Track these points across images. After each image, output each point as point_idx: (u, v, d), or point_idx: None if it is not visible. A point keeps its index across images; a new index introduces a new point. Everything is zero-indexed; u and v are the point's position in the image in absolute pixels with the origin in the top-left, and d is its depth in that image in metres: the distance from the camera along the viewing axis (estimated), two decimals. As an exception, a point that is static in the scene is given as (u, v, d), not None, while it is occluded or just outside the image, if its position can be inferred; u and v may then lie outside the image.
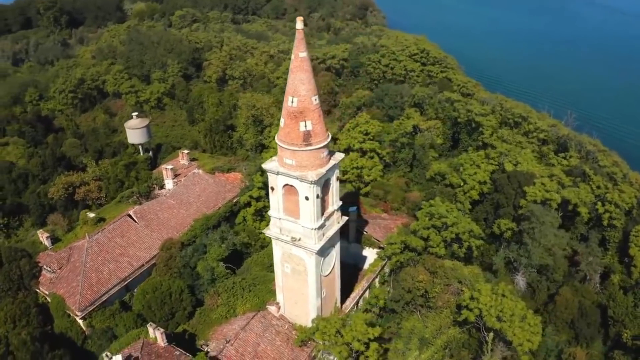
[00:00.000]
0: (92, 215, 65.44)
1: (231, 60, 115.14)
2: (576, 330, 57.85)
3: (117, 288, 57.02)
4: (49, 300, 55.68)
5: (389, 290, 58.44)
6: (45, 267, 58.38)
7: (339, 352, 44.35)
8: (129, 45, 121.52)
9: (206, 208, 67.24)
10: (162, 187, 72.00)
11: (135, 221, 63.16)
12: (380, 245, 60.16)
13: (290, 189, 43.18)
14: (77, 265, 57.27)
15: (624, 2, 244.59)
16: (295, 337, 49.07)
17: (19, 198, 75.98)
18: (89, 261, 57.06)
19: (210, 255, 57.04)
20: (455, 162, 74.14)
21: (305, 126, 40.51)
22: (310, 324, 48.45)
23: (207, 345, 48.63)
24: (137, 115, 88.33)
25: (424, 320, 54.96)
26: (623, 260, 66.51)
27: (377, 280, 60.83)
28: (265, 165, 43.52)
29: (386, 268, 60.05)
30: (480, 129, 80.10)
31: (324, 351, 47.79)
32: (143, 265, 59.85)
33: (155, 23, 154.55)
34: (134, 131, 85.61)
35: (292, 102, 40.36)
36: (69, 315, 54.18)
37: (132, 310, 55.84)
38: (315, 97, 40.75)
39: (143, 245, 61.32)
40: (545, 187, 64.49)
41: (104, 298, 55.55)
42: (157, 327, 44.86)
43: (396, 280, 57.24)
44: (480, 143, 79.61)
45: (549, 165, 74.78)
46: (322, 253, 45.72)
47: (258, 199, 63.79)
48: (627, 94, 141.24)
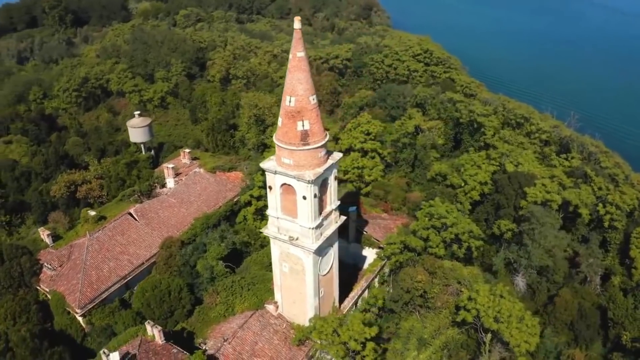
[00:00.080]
0: (93, 213, 65.70)
1: (235, 60, 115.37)
2: (575, 332, 57.66)
3: (117, 286, 57.20)
4: (49, 298, 55.91)
5: (388, 290, 58.43)
6: (46, 264, 58.62)
7: (336, 352, 44.39)
8: (133, 45, 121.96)
9: (207, 207, 67.39)
10: (163, 185, 72.20)
11: (135, 219, 63.37)
12: (379, 245, 60.11)
13: (288, 188, 43.21)
14: (78, 263, 57.54)
15: (624, 2, 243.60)
16: (293, 336, 49.02)
17: (21, 196, 76.32)
18: (90, 259, 57.30)
19: (210, 254, 57.08)
20: (456, 163, 74.01)
21: (303, 126, 40.53)
22: (308, 323, 48.47)
23: (205, 344, 48.73)
24: (139, 114, 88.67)
25: (422, 321, 54.98)
26: (624, 262, 66.24)
27: (377, 280, 60.79)
28: (263, 165, 43.55)
29: (385, 268, 60.00)
30: (482, 129, 79.95)
31: (322, 350, 47.83)
32: (143, 263, 60.02)
33: (160, 22, 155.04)
34: (136, 130, 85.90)
35: (289, 101, 40.41)
36: (68, 313, 54.38)
37: (131, 308, 56.05)
38: (313, 96, 40.77)
39: (143, 244, 61.51)
40: (546, 188, 64.28)
41: (104, 296, 55.74)
42: (155, 325, 44.98)
43: (395, 280, 57.25)
44: (482, 144, 79.43)
45: (551, 166, 74.49)
46: (319, 252, 45.72)
47: (259, 198, 63.83)
48: (629, 94, 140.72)
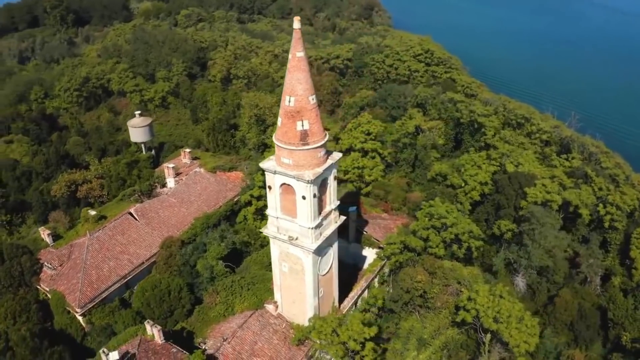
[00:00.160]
0: (93, 212, 65.79)
1: (236, 60, 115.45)
2: (575, 333, 57.57)
3: (117, 285, 57.25)
4: (50, 297, 55.98)
5: (388, 291, 58.41)
6: (46, 264, 58.69)
7: (335, 352, 44.41)
8: (134, 44, 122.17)
9: (207, 207, 67.42)
10: (163, 185, 72.24)
11: (136, 219, 63.40)
12: (379, 245, 60.10)
13: (287, 188, 43.22)
14: (78, 262, 57.59)
15: (624, 2, 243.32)
16: (292, 336, 49.03)
17: (22, 195, 76.38)
18: (90, 258, 57.35)
19: (210, 253, 57.09)
20: (457, 163, 73.99)
21: (302, 126, 40.54)
22: (307, 323, 48.47)
23: (205, 343, 48.78)
24: (139, 114, 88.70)
25: (422, 321, 54.95)
26: (624, 263, 66.13)
27: (377, 280, 60.79)
28: (263, 164, 43.57)
29: (385, 268, 59.99)
30: (483, 129, 79.90)
31: (321, 350, 47.83)
32: (143, 263, 60.05)
33: (161, 22, 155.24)
34: (137, 130, 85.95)
35: (289, 101, 40.42)
36: (68, 312, 54.44)
37: (131, 307, 56.10)
38: (313, 96, 40.78)
39: (143, 243, 61.55)
40: (546, 188, 64.20)
41: (104, 295, 55.78)
42: (154, 325, 45.02)
43: (395, 280, 57.24)
44: (482, 144, 79.36)
45: (551, 166, 74.41)
46: (319, 252, 45.74)
47: (259, 198, 63.82)
48: (630, 94, 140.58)
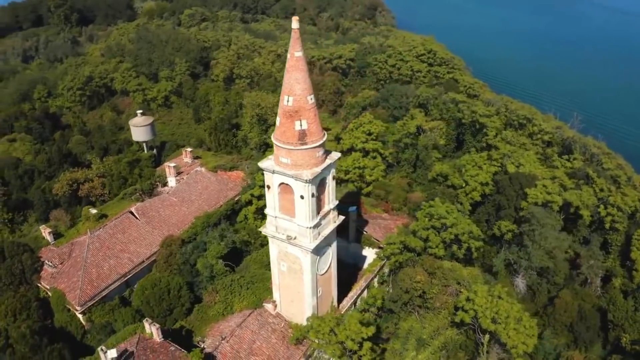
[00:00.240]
0: (94, 211, 65.98)
1: (239, 60, 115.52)
2: (575, 334, 57.42)
3: (117, 284, 57.42)
4: (50, 295, 56.21)
5: (388, 291, 58.41)
6: (47, 262, 58.95)
7: (333, 351, 44.46)
8: (138, 44, 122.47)
9: (208, 206, 67.55)
10: (165, 184, 72.40)
11: (136, 218, 63.58)
12: (379, 245, 60.12)
13: (286, 187, 43.28)
14: (78, 260, 57.81)
15: (624, 2, 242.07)
16: (290, 335, 49.13)
17: (24, 194, 76.64)
18: (90, 257, 57.56)
19: (210, 252, 57.15)
20: (458, 164, 73.95)
21: (301, 125, 40.60)
22: (305, 323, 48.52)
23: (204, 342, 48.88)
24: (141, 113, 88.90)
25: (421, 321, 54.99)
26: (625, 264, 65.95)
27: (376, 280, 60.82)
28: (261, 164, 43.65)
29: (385, 268, 60.01)
30: (485, 130, 79.81)
31: (319, 350, 47.90)
32: (143, 261, 60.19)
33: (165, 21, 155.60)
34: (139, 129, 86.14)
35: (287, 101, 40.49)
36: (69, 310, 54.67)
37: (131, 305, 56.28)
38: (311, 96, 40.84)
39: (144, 242, 61.73)
40: (547, 189, 64.09)
41: (104, 293, 55.97)
42: (153, 323, 45.09)
43: (395, 280, 57.25)
44: (484, 144, 79.28)
45: (553, 167, 74.29)
46: (317, 252, 45.80)
47: (259, 198, 63.80)
48: (632, 95, 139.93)
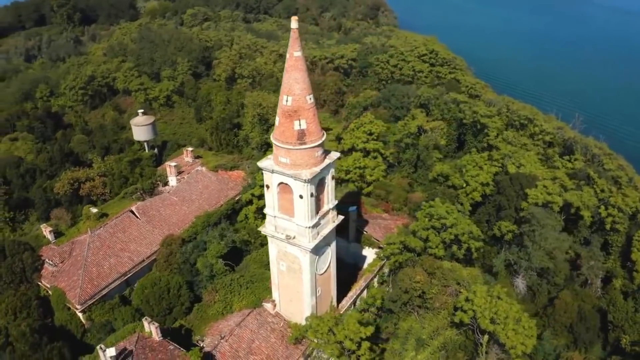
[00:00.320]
0: (94, 210, 66.12)
1: (241, 59, 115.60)
2: (575, 335, 57.29)
3: (118, 282, 57.52)
4: (50, 293, 56.34)
5: (388, 290, 58.40)
6: (47, 260, 59.12)
7: (331, 351, 44.49)
8: (140, 43, 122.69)
9: (208, 205, 67.62)
10: (165, 184, 72.50)
11: (137, 217, 63.69)
12: (379, 245, 60.14)
13: (285, 187, 43.33)
14: (79, 259, 57.96)
15: (625, 2, 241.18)
16: (290, 334, 49.19)
17: (26, 192, 76.82)
18: (90, 255, 57.69)
19: (210, 252, 57.23)
20: (459, 164, 73.91)
21: (300, 125, 40.65)
22: (304, 322, 48.54)
23: (203, 341, 48.98)
24: (142, 113, 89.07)
25: (421, 321, 54.95)
26: (625, 265, 65.81)
27: (376, 280, 60.83)
28: (261, 164, 43.72)
29: (385, 268, 60.02)
30: (486, 130, 79.74)
31: (318, 349, 47.92)
32: (144, 260, 60.28)
33: (167, 21, 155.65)
34: (140, 128, 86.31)
35: (286, 101, 40.54)
36: (69, 309, 54.78)
37: (131, 304, 56.39)
38: (310, 96, 40.88)
39: (144, 241, 61.84)
40: (548, 189, 64.01)
41: (104, 292, 56.08)
42: (152, 322, 45.16)
43: (395, 280, 57.25)
44: (485, 145, 79.21)
45: (554, 167, 74.19)
46: (316, 251, 45.84)
47: (260, 197, 63.76)
48: (634, 96, 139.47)
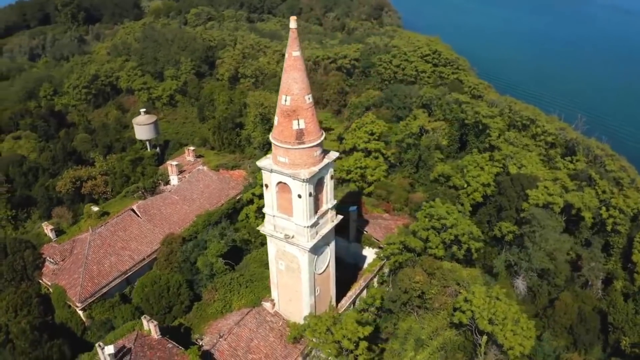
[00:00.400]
0: (96, 209, 66.36)
1: (244, 59, 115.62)
2: (575, 336, 57.12)
3: (118, 281, 57.81)
4: (51, 291, 56.67)
5: (388, 290, 58.41)
6: (48, 258, 59.45)
7: (329, 350, 44.55)
8: (144, 43, 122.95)
9: (209, 204, 67.78)
10: (167, 183, 72.69)
11: (138, 216, 63.98)
12: (380, 245, 60.19)
13: (283, 186, 43.42)
14: (80, 257, 58.25)
15: (628, 2, 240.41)
16: (288, 333, 49.31)
17: (28, 191, 77.24)
18: (91, 254, 57.99)
19: (210, 251, 57.41)
20: (460, 164, 73.81)
21: (298, 125, 40.72)
22: (303, 321, 48.64)
23: (202, 339, 49.15)
24: (145, 112, 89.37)
25: (420, 322, 54.96)
26: (627, 267, 65.52)
27: (376, 280, 60.87)
28: (259, 163, 43.84)
29: (385, 268, 60.06)
30: (488, 131, 79.58)
31: (316, 349, 47.99)
32: (144, 259, 60.54)
33: (171, 20, 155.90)
34: (142, 127, 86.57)
35: (285, 100, 40.62)
36: (69, 306, 55.08)
37: (131, 303, 56.59)
38: (309, 96, 40.93)
39: (145, 240, 62.08)
40: (548, 190, 63.84)
41: (104, 290, 56.37)
42: (151, 320, 45.33)
43: (395, 280, 57.27)
44: (487, 145, 79.05)
45: (555, 168, 73.99)
46: (315, 251, 45.91)
47: (261, 197, 63.56)
48: (637, 96, 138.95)
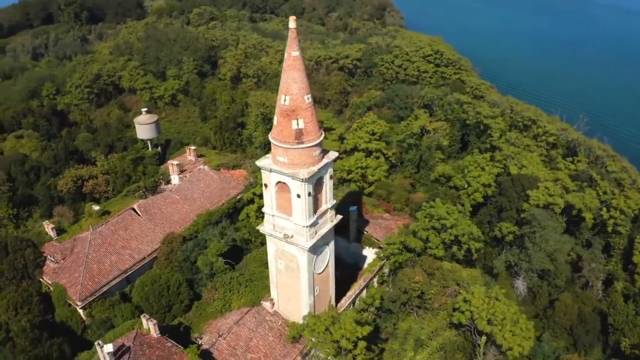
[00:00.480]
0: (96, 208, 66.53)
1: (246, 59, 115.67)
2: (575, 337, 56.96)
3: (118, 280, 57.96)
4: (51, 290, 56.84)
5: (388, 290, 58.43)
6: (49, 257, 59.63)
7: (327, 350, 44.59)
8: (146, 42, 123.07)
9: (210, 204, 67.90)
10: (168, 182, 72.83)
11: (139, 215, 64.13)
12: (380, 245, 60.23)
13: (283, 186, 43.52)
14: (80, 256, 58.42)
15: (630, 2, 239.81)
16: (288, 333, 49.38)
17: (30, 190, 77.43)
18: (92, 252, 58.16)
19: (210, 250, 57.54)
20: (461, 165, 73.77)
21: (297, 124, 40.81)
22: (302, 321, 48.72)
23: (201, 338, 49.27)
24: (146, 111, 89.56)
25: (420, 322, 54.97)
26: (627, 268, 65.37)
27: (376, 280, 60.89)
28: (259, 163, 43.97)
29: (385, 268, 60.09)
30: (489, 131, 79.50)
31: (315, 348, 48.04)
32: (144, 258, 60.69)
33: (174, 20, 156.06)
34: (143, 126, 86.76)
35: (284, 100, 40.69)
36: (69, 305, 55.24)
37: (131, 301, 56.72)
38: (308, 95, 41.00)
39: (145, 239, 62.22)
40: (549, 191, 63.75)
41: (105, 289, 56.52)
42: (150, 319, 45.43)
43: (395, 280, 57.29)
44: (488, 145, 78.96)
45: (556, 169, 73.86)
46: (314, 251, 45.98)
47: (261, 196, 63.41)
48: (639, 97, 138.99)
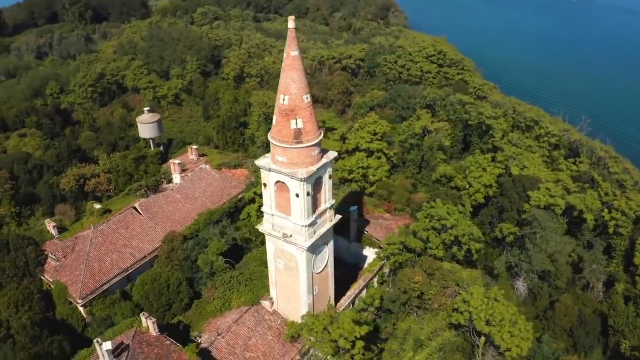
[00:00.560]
0: (98, 206, 66.84)
1: (249, 58, 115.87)
2: (575, 339, 56.88)
3: (119, 278, 58.12)
4: (52, 287, 57.10)
5: (388, 290, 58.46)
6: (50, 255, 59.88)
7: (325, 349, 44.65)
8: (150, 41, 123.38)
9: (211, 203, 68.04)
10: (169, 181, 72.98)
11: (140, 213, 64.31)
12: (380, 245, 60.25)
13: (282, 185, 43.65)
14: (81, 254, 58.64)
15: (628, 1, 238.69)
16: (286, 332, 49.47)
17: (32, 188, 77.85)
18: (93, 251, 58.37)
19: (210, 249, 57.73)
20: (462, 165, 73.73)
21: (296, 124, 40.90)
22: (301, 320, 48.79)
23: (200, 337, 49.45)
24: (148, 110, 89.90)
25: (419, 322, 54.98)
26: (628, 269, 65.16)
27: (376, 280, 60.91)
28: (258, 162, 44.11)
29: (385, 268, 60.10)
30: (491, 132, 79.45)
31: (314, 347, 48.10)
32: (145, 256, 60.85)
33: (178, 20, 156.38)
34: (145, 126, 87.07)
35: (283, 100, 40.79)
36: (70, 303, 55.46)
37: (132, 300, 56.94)
38: (307, 95, 41.07)
39: (146, 237, 62.40)
40: (550, 192, 63.64)
41: (105, 287, 56.70)
42: (149, 317, 45.56)
43: (395, 280, 57.31)
44: (490, 146, 78.92)
45: (558, 170, 73.74)
46: (313, 250, 46.05)
47: (262, 196, 64.07)
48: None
